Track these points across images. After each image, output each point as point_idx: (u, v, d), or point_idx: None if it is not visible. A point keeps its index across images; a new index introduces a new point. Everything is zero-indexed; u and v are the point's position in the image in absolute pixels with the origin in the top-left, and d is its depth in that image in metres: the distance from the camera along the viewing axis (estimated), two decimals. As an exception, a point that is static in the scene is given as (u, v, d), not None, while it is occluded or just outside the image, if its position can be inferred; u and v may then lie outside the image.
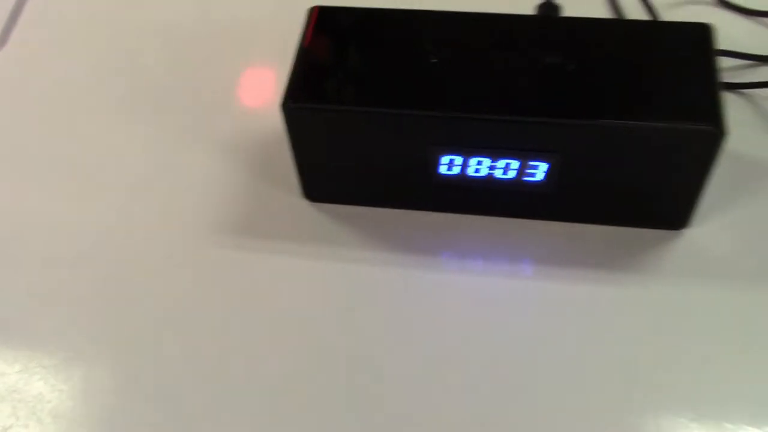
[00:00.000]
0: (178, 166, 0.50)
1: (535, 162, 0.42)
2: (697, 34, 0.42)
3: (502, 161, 0.42)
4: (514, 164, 0.42)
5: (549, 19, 0.48)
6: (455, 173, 0.43)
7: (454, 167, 0.43)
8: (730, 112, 0.40)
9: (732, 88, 0.50)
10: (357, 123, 0.42)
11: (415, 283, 0.45)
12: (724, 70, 0.41)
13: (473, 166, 0.43)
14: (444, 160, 0.43)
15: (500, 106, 0.41)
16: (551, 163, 0.42)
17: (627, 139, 0.40)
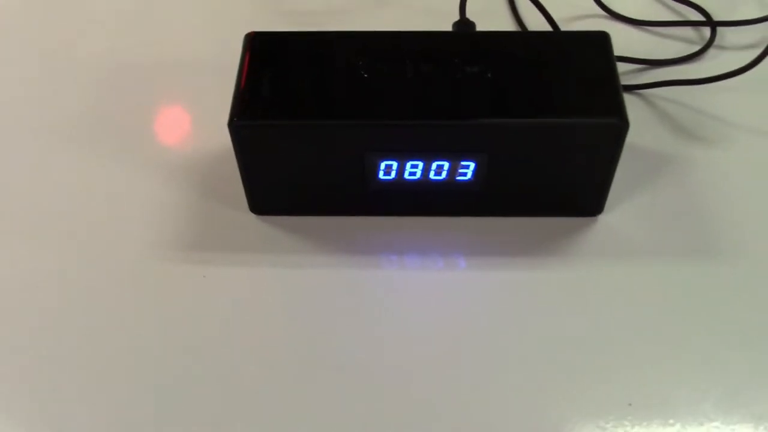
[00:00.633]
0: (121, 190, 0.52)
1: (464, 162, 0.46)
2: (597, 41, 0.48)
3: (434, 163, 0.46)
4: (446, 165, 0.46)
5: (465, 34, 0.52)
6: (392, 177, 0.47)
7: (392, 172, 0.47)
8: (628, 110, 0.44)
9: (627, 89, 0.56)
10: (300, 135, 0.46)
11: (359, 283, 0.48)
12: (619, 73, 0.46)
13: (409, 169, 0.47)
14: (382, 165, 0.46)
15: (431, 111, 0.45)
16: (478, 162, 0.46)
17: (544, 135, 0.45)
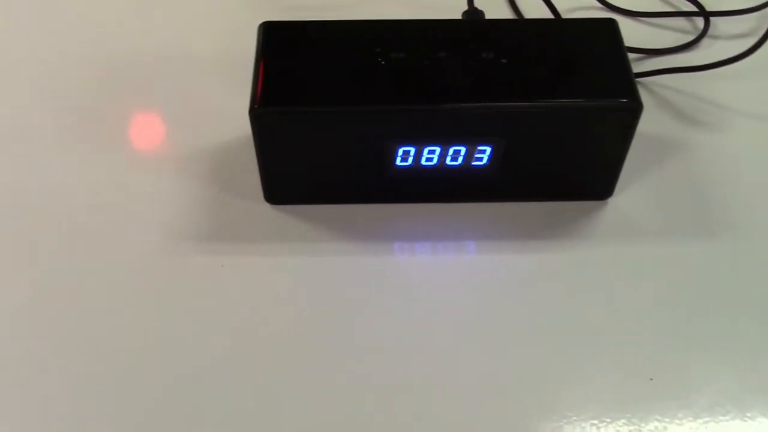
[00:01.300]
0: (136, 186, 0.52)
1: (480, 146, 0.47)
2: (605, 27, 0.49)
3: (451, 149, 0.47)
4: (462, 150, 0.47)
5: (476, 22, 0.53)
6: (409, 164, 0.48)
7: (409, 158, 0.47)
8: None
9: (628, 77, 0.58)
10: (320, 122, 0.46)
11: (375, 271, 0.48)
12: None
13: (426, 155, 0.47)
14: (400, 152, 0.47)
15: (447, 97, 0.45)
16: (494, 147, 0.47)
17: (560, 118, 0.46)
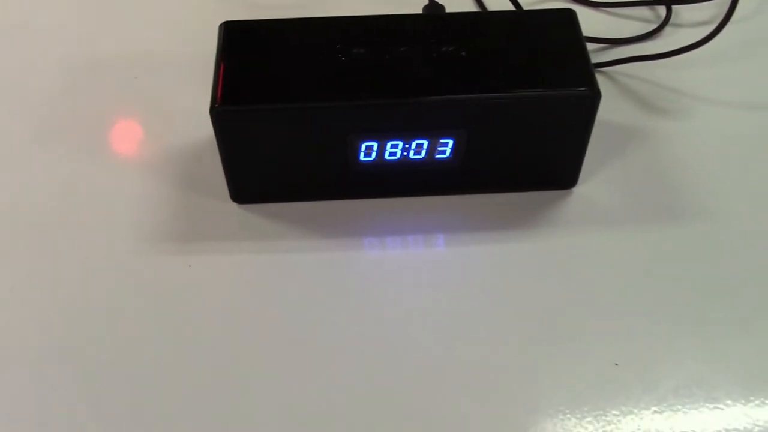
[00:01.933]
0: (101, 187, 0.52)
1: (442, 139, 0.47)
2: (564, 17, 0.49)
3: (414, 142, 0.47)
4: (425, 144, 0.47)
5: (436, 16, 0.53)
6: (373, 159, 0.48)
7: (373, 153, 0.48)
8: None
9: (591, 67, 0.58)
10: (282, 119, 0.46)
11: (343, 267, 0.48)
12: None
13: (389, 150, 0.48)
14: (362, 147, 0.47)
15: (409, 90, 0.46)
16: (456, 139, 0.47)
17: (520, 108, 0.46)
